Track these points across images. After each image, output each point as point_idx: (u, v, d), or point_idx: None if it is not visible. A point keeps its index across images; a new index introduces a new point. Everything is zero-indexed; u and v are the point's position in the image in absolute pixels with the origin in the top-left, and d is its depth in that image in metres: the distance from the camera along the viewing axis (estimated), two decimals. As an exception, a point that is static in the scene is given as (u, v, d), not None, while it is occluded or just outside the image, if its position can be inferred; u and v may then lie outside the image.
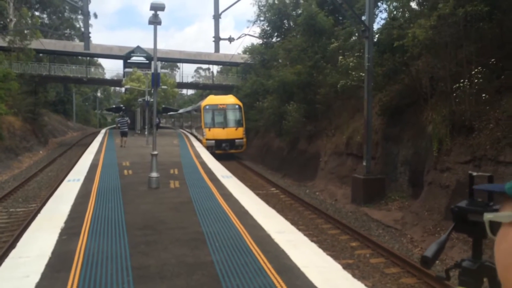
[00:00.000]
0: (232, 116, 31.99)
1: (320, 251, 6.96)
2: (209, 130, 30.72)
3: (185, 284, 5.56)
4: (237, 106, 31.97)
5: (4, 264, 6.33)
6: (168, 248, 7.05)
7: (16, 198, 16.97)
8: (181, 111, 65.95)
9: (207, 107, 31.94)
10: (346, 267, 7.55)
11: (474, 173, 1.62)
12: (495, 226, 1.04)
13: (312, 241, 7.45)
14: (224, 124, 31.28)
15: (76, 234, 7.72)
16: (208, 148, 28.58)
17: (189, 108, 54.11)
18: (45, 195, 16.51)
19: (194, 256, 6.67)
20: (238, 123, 31.66)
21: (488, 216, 1.06)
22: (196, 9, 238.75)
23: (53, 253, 6.65)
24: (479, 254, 1.54)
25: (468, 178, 1.62)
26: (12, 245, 8.76)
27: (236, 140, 30.93)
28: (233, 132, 31.02)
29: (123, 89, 46.26)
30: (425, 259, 1.51)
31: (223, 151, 30.22)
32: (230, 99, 32.91)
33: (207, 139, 30.46)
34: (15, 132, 31.80)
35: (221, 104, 31.99)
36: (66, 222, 8.53)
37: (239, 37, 46.11)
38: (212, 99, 33.54)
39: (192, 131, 42.09)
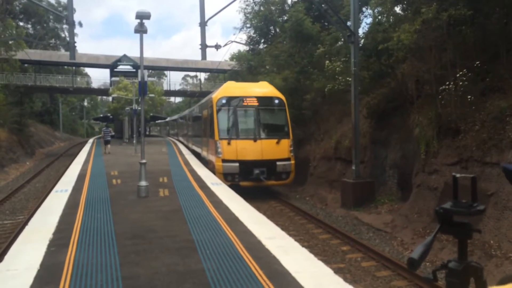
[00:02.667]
0: (270, 119, 19.28)
1: (311, 256, 6.96)
2: (228, 144, 17.64)
3: (176, 293, 5.52)
4: (277, 101, 19.05)
5: (-9, 278, 6.22)
6: (159, 257, 7.00)
7: (3, 210, 16.73)
8: (175, 117, 55.78)
9: (224, 101, 18.64)
10: (337, 271, 7.56)
11: (458, 175, 1.65)
12: None
13: (303, 246, 7.45)
14: (256, 133, 18.14)
15: (64, 245, 7.62)
16: (227, 177, 17.17)
17: (185, 112, 41.45)
18: (32, 207, 16.31)
19: (185, 264, 6.63)
20: (282, 132, 18.64)
21: None
22: (183, 18, 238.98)
23: (42, 265, 6.56)
24: (464, 254, 1.57)
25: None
26: (0, 258, 8.63)
27: (279, 163, 17.77)
28: (273, 148, 17.91)
29: (110, 98, 46.03)
30: (412, 261, 1.52)
31: (254, 182, 17.37)
32: (264, 88, 19.97)
33: (224, 161, 17.48)
34: (1, 143, 31.40)
35: (249, 98, 18.89)
36: (54, 234, 8.42)
37: (225, 44, 46.29)
38: (233, 88, 19.90)
39: (191, 146, 30.17)
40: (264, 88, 19.87)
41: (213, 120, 18.59)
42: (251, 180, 17.21)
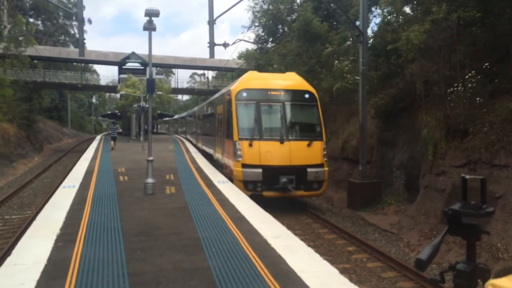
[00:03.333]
0: (300, 116, 16.37)
1: (317, 255, 6.95)
2: (250, 145, 14.90)
3: (181, 290, 5.54)
4: (307, 95, 16.03)
5: (-1, 271, 6.28)
6: (164, 254, 7.02)
7: (11, 205, 16.88)
8: (183, 114, 54.18)
9: (244, 94, 15.76)
10: (343, 271, 7.55)
11: (467, 176, 1.64)
12: None
13: (308, 245, 7.44)
14: (283, 134, 15.29)
15: (72, 240, 7.67)
16: (247, 185, 14.63)
17: (195, 109, 39.12)
18: (40, 202, 16.43)
19: (190, 261, 6.65)
20: (313, 132, 15.90)
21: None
22: (191, 15, 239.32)
23: (49, 260, 6.60)
24: (473, 256, 1.56)
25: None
26: (8, 253, 8.71)
27: (311, 170, 14.98)
28: (304, 152, 15.09)
29: (118, 95, 46.27)
30: (420, 261, 1.52)
31: (280, 192, 14.76)
32: (291, 80, 16.95)
33: (244, 166, 14.79)
34: (10, 138, 31.65)
35: (275, 91, 16.01)
36: (61, 229, 8.48)
37: (233, 43, 46.30)
38: (255, 79, 16.89)
39: (201, 146, 27.86)
40: (292, 80, 16.82)
41: (231, 116, 15.53)
42: (277, 190, 14.59)
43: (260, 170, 14.53)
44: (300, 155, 14.89)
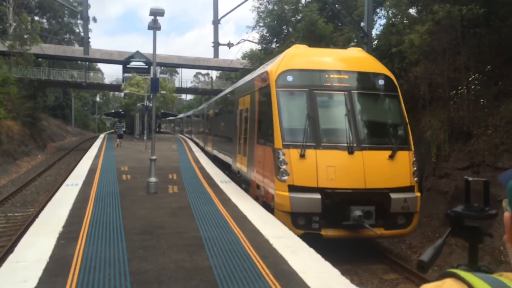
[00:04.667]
0: (374, 112, 11.61)
1: (318, 256, 6.94)
2: (301, 156, 9.89)
3: (183, 289, 5.55)
4: (382, 81, 11.20)
5: (1, 268, 6.30)
6: (166, 253, 7.03)
7: (14, 203, 16.94)
8: (189, 113, 50.45)
9: (289, 78, 10.91)
10: (344, 272, 7.53)
11: (470, 179, 1.64)
12: None
13: (310, 246, 7.43)
14: (352, 139, 10.19)
15: (74, 238, 7.69)
16: (296, 219, 9.73)
17: (203, 106, 34.43)
18: (43, 200, 16.49)
19: (192, 261, 6.66)
20: (396, 136, 10.91)
21: None
22: (196, 15, 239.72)
23: (51, 257, 6.62)
24: (475, 259, 1.55)
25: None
26: (10, 250, 8.74)
27: (395, 196, 9.87)
28: (384, 167, 10.11)
29: (122, 94, 46.39)
30: (422, 263, 1.52)
31: (349, 232, 9.82)
32: (358, 58, 12.28)
33: (293, 189, 9.84)
34: (14, 136, 31.78)
35: (335, 73, 11.11)
36: (64, 227, 8.50)
37: (238, 43, 46.28)
38: (305, 55, 12.00)
39: (212, 151, 23.29)
40: (358, 58, 11.93)
41: (268, 111, 10.86)
42: (345, 228, 9.59)
43: (318, 196, 9.38)
44: (380, 173, 9.84)
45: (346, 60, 11.78)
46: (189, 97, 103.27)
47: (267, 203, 10.72)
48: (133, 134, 41.85)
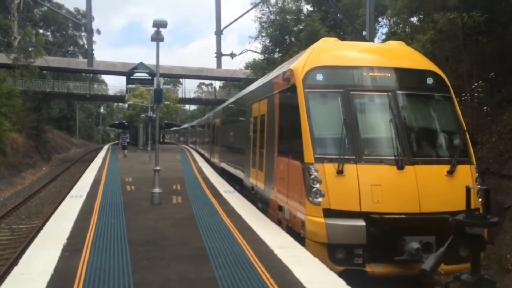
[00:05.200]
0: (426, 116, 9.27)
1: (323, 266, 6.90)
2: (339, 173, 7.96)
3: (187, 300, 5.52)
4: (431, 80, 9.28)
5: (6, 281, 6.29)
6: (171, 264, 7.02)
7: (19, 215, 16.97)
8: (194, 123, 49.06)
9: (320, 76, 8.97)
10: (349, 282, 7.48)
11: (471, 186, 1.63)
12: None
13: (315, 256, 7.39)
14: (403, 150, 8.18)
15: (78, 250, 7.69)
16: (336, 252, 7.71)
17: (208, 116, 32.21)
18: (48, 212, 16.51)
19: (196, 272, 6.63)
20: (452, 147, 8.78)
21: None
22: (199, 26, 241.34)
23: (56, 269, 6.62)
24: (477, 267, 1.54)
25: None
26: (15, 262, 8.75)
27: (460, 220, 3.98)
28: (442, 186, 8.05)
29: (126, 105, 46.57)
30: (424, 272, 1.51)
31: (403, 268, 7.57)
32: (401, 53, 10.00)
33: (329, 213, 7.85)
34: (18, 148, 31.93)
35: (376, 70, 9.08)
36: (68, 239, 8.50)
37: (240, 53, 46.51)
38: (337, 49, 9.99)
39: (220, 163, 21.72)
40: (401, 53, 9.94)
41: (294, 117, 9.07)
42: (398, 264, 7.65)
43: (361, 223, 7.56)
44: (437, 193, 7.94)
45: (387, 55, 9.79)
46: (193, 107, 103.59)
47: (294, 230, 8.78)
48: (137, 145, 41.97)
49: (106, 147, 44.75)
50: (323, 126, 8.76)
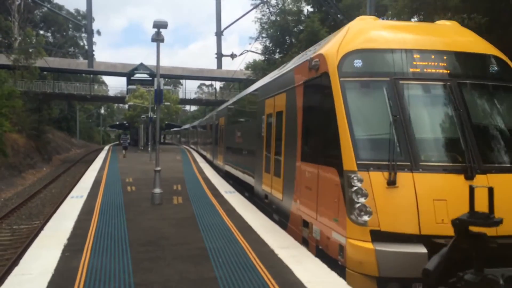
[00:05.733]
0: (495, 111, 7.39)
1: (324, 266, 6.90)
2: (390, 184, 6.19)
3: (188, 300, 5.52)
4: (495, 66, 7.45)
5: (7, 281, 6.30)
6: (171, 264, 7.02)
7: (20, 215, 16.97)
8: (195, 123, 47.23)
9: (359, 62, 7.08)
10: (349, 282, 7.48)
11: (475, 186, 1.63)
12: None
13: (316, 256, 7.39)
14: (471, 153, 6.43)
15: (79, 251, 7.69)
16: (388, 286, 5.86)
17: (211, 114, 30.92)
18: (48, 212, 16.51)
19: (197, 272, 6.63)
20: None
21: None
22: (200, 27, 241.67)
23: (56, 270, 6.62)
24: (481, 266, 1.53)
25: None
26: (15, 262, 8.74)
27: None
28: None
29: (126, 106, 46.62)
30: (427, 272, 1.50)
31: None
32: (456, 34, 8.08)
33: (378, 236, 6.06)
34: (19, 149, 31.95)
35: (428, 53, 7.22)
36: (69, 239, 8.50)
37: (241, 54, 46.51)
38: (378, 28, 8.02)
39: (223, 166, 20.61)
40: (455, 34, 8.22)
41: (326, 113, 7.40)
42: None
43: (422, 250, 5.90)
44: None
45: (440, 36, 7.91)
46: (193, 108, 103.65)
47: (328, 255, 7.03)
48: (137, 145, 42.00)
49: (106, 147, 44.77)
50: (366, 124, 7.03)
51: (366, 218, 6.15)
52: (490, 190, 1.65)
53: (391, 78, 6.96)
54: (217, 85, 67.46)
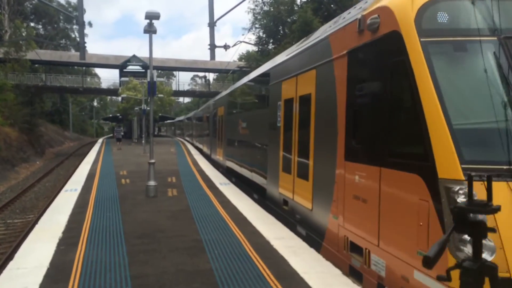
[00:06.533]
0: None
1: (320, 257, 6.93)
2: None
3: (184, 292, 5.53)
4: None
5: (1, 275, 6.27)
6: (167, 256, 7.01)
7: (14, 209, 16.88)
8: (190, 115, 45.02)
9: (444, 17, 4.77)
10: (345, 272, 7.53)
11: (473, 173, 1.63)
12: None
13: (311, 247, 7.42)
14: None
15: (74, 244, 7.67)
16: None
17: (208, 103, 27.59)
18: (42, 206, 16.43)
19: (193, 264, 6.64)
20: None
21: None
22: (193, 18, 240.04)
23: (51, 263, 6.60)
24: (479, 253, 1.54)
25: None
26: (10, 257, 8.71)
27: None
28: None
29: (119, 98, 46.36)
30: (427, 259, 1.51)
31: None
32: None
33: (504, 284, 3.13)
34: (12, 143, 31.70)
35: None
36: (64, 232, 8.48)
37: (234, 45, 46.42)
38: None
39: (224, 162, 18.45)
40: None
41: (403, 92, 5.10)
42: None
43: None
44: None
45: None
46: (187, 99, 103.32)
47: None
48: (131, 138, 41.85)
49: (100, 140, 44.58)
50: (467, 106, 4.73)
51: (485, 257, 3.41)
52: (489, 178, 1.65)
53: (498, 37, 4.69)
54: (211, 76, 67.27)
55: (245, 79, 15.62)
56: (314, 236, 7.62)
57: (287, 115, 9.30)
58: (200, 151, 29.67)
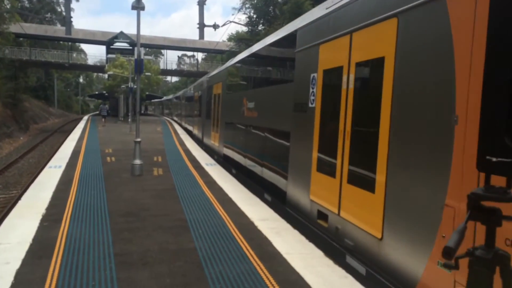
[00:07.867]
0: None
1: (302, 238, 7.02)
2: None
3: (167, 270, 5.57)
4: None
5: (-17, 250, 6.25)
6: (151, 235, 7.04)
7: (-4, 185, 16.70)
8: (181, 92, 41.70)
9: None
10: (328, 253, 7.64)
11: (494, 159, 1.54)
12: None
13: (295, 228, 7.50)
14: None
15: (57, 220, 7.64)
16: None
17: (202, 79, 23.84)
18: (26, 182, 16.28)
19: (177, 243, 6.67)
20: None
21: None
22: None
23: (34, 239, 6.58)
24: (492, 242, 1.47)
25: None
26: (-8, 232, 8.65)
27: None
28: None
29: (106, 76, 45.73)
30: (448, 249, 1.41)
31: None
32: None
33: None
34: (-5, 117, 31.18)
35: None
36: (47, 209, 8.43)
37: (224, 24, 45.84)
38: None
39: (231, 155, 14.04)
40: None
41: None
42: None
43: None
44: None
45: None
46: (175, 79, 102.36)
47: None
48: (117, 116, 41.45)
49: (85, 117, 44.06)
50: None
51: None
52: (509, 164, 1.52)
53: None
54: (199, 56, 66.63)
55: (255, 47, 12.53)
56: (381, 278, 4.91)
57: (330, 92, 6.73)
58: (190, 133, 27.39)
